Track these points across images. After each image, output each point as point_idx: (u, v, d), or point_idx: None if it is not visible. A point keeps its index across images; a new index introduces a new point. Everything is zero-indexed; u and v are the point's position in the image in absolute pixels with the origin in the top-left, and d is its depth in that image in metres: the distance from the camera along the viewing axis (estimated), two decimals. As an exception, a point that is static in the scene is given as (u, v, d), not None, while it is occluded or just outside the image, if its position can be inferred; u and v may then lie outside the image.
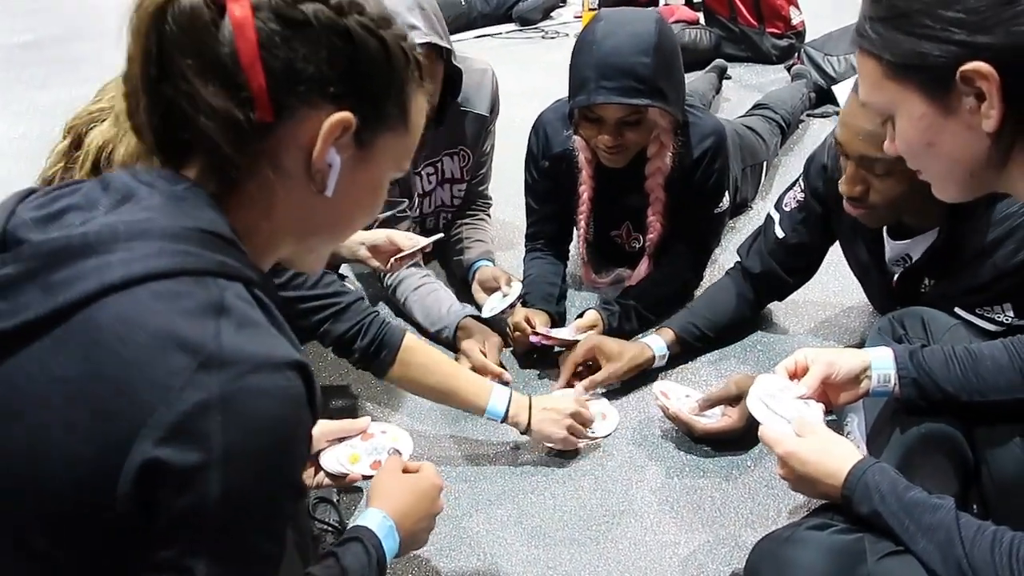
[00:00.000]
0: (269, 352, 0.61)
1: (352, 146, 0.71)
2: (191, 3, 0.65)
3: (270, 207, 0.71)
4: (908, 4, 0.76)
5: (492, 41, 4.08)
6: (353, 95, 0.70)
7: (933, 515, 0.91)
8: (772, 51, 3.39)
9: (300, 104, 0.68)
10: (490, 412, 1.42)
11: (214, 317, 0.60)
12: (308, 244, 0.78)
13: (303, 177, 0.70)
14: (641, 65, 1.52)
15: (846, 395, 1.15)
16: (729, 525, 1.34)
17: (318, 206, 0.72)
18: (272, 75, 0.66)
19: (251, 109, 0.66)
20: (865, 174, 1.26)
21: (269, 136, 0.68)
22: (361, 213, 0.78)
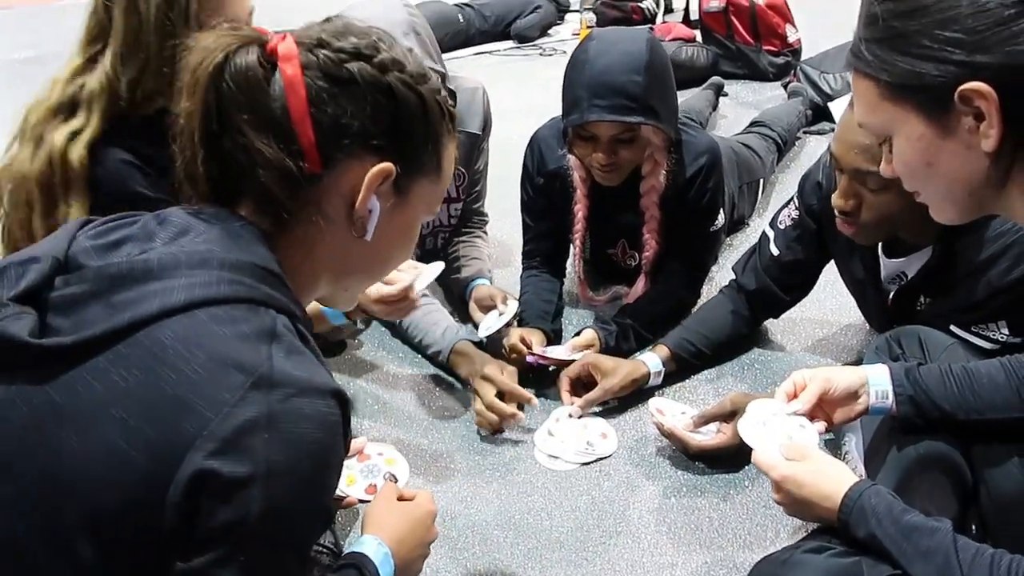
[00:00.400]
0: (312, 378, 0.65)
1: (391, 193, 0.77)
2: (247, 63, 0.71)
3: (313, 248, 0.76)
4: (905, 25, 0.76)
5: (490, 58, 4.10)
6: (394, 147, 0.76)
7: (931, 538, 0.90)
8: (769, 69, 3.41)
9: (345, 156, 0.74)
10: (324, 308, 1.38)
11: (267, 342, 0.65)
12: (345, 283, 0.83)
13: (345, 222, 0.76)
14: (633, 83, 1.53)
15: (843, 412, 1.15)
16: (727, 546, 1.33)
17: (357, 248, 0.78)
18: (320, 130, 0.72)
19: (301, 160, 0.72)
20: (859, 188, 1.26)
21: (316, 185, 0.73)
22: (396, 254, 0.84)
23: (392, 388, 1.75)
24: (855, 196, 1.27)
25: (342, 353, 1.85)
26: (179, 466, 0.60)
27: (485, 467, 1.52)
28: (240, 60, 0.71)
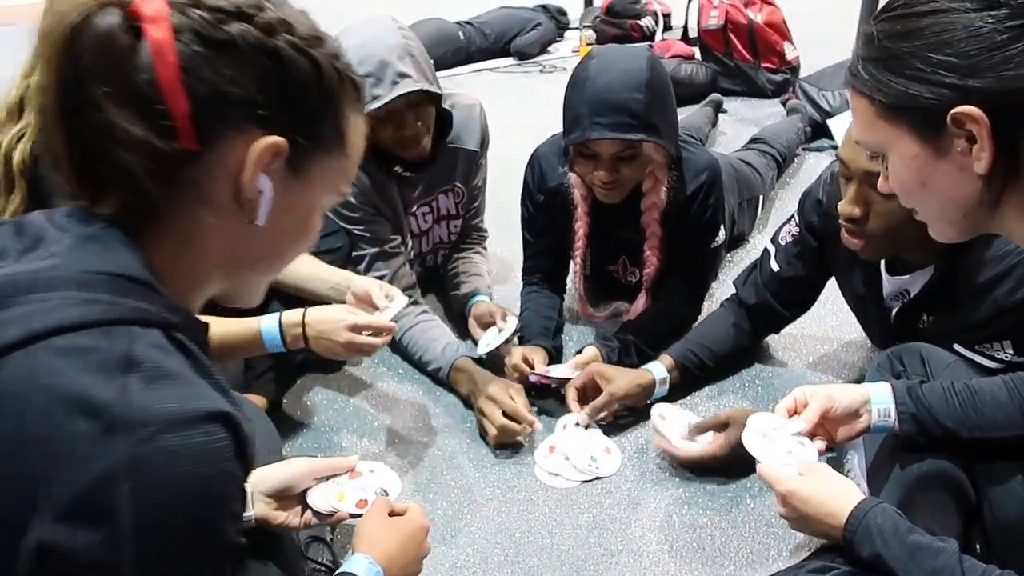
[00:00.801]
0: (183, 407, 0.56)
1: (284, 172, 0.68)
2: (106, 26, 0.60)
3: (197, 241, 0.67)
4: (900, 47, 0.77)
5: (490, 75, 4.12)
6: (284, 118, 0.66)
7: (936, 559, 0.90)
8: (767, 86, 3.43)
9: (227, 130, 0.64)
10: (265, 334, 1.38)
11: (121, 373, 0.55)
12: (241, 278, 0.74)
13: (232, 207, 0.66)
14: (634, 101, 1.53)
15: (845, 430, 1.14)
16: (729, 565, 1.32)
17: (249, 237, 0.68)
18: (196, 100, 0.62)
19: (173, 138, 0.62)
20: (868, 193, 1.25)
21: (194, 165, 0.64)
22: (296, 242, 0.74)
23: (390, 404, 1.74)
24: (864, 203, 1.27)
25: (340, 369, 1.85)
26: (23, 537, 0.51)
27: (485, 484, 1.51)
28: (98, 23, 0.60)
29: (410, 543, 1.03)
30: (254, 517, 1.02)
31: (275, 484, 1.05)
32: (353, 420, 1.70)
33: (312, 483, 1.09)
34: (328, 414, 1.71)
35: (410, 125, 1.67)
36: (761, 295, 1.64)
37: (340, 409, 1.73)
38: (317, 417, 1.71)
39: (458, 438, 1.63)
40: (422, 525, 1.06)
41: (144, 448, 0.53)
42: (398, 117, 1.65)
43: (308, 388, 1.79)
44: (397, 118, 1.65)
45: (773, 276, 1.62)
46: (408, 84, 1.60)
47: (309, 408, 1.73)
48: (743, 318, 1.70)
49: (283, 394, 1.73)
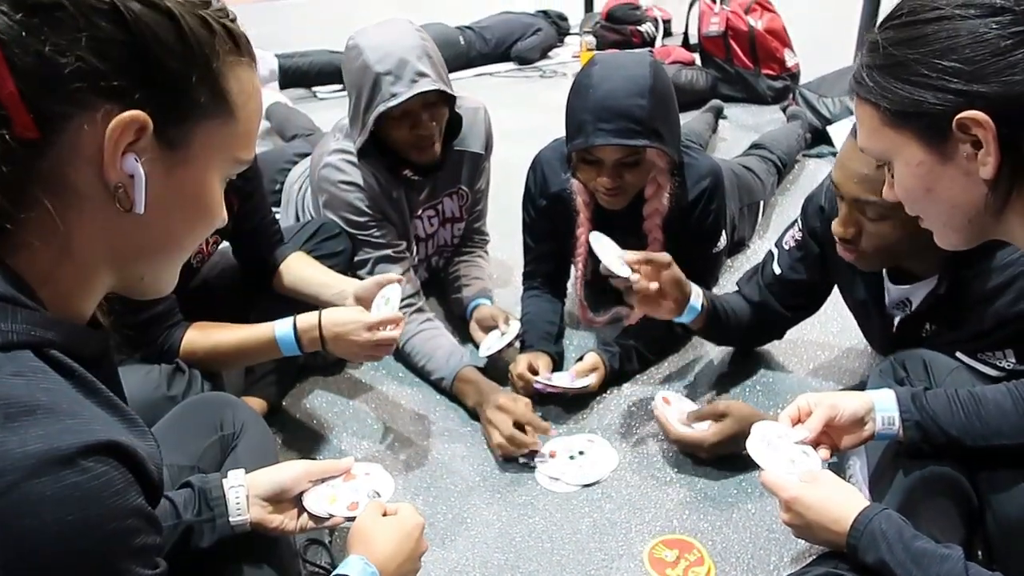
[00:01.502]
0: (51, 445, 0.49)
1: (158, 148, 0.59)
2: None
3: (73, 241, 0.58)
4: (905, 53, 0.77)
5: (490, 80, 4.12)
6: (141, 87, 0.56)
7: (941, 566, 0.89)
8: (767, 92, 3.43)
9: (72, 109, 0.55)
10: (280, 339, 1.39)
11: None
12: (134, 272, 0.64)
13: (103, 197, 0.57)
14: (637, 107, 1.53)
15: (850, 438, 1.14)
16: (731, 571, 1.31)
17: (131, 227, 0.59)
18: (24, 78, 0.53)
19: (8, 127, 0.53)
20: (859, 216, 1.26)
21: (42, 156, 0.55)
22: (194, 224, 0.65)
23: (390, 407, 1.74)
24: (855, 224, 1.27)
25: (341, 372, 1.84)
26: None
27: (485, 488, 1.51)
28: None
29: (406, 541, 1.00)
30: (249, 521, 1.01)
31: (269, 487, 1.04)
32: (353, 423, 1.69)
33: (308, 486, 1.08)
34: (328, 417, 1.71)
35: (425, 125, 1.67)
36: (764, 296, 1.64)
37: (340, 412, 1.72)
38: (317, 420, 1.70)
39: (458, 442, 1.63)
40: (417, 523, 1.03)
41: (5, 500, 0.47)
42: (414, 116, 1.66)
43: (308, 391, 1.78)
44: (413, 117, 1.66)
45: (776, 279, 1.62)
46: (427, 83, 1.61)
47: (309, 411, 1.73)
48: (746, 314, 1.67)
49: (283, 397, 1.72)
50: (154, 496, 0.57)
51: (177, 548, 0.93)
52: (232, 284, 1.68)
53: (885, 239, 1.24)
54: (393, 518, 1.03)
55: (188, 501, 0.99)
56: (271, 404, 1.66)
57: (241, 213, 1.54)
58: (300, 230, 1.75)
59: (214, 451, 1.13)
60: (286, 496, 1.06)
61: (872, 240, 1.27)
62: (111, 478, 0.51)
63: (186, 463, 1.09)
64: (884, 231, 1.24)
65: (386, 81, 1.61)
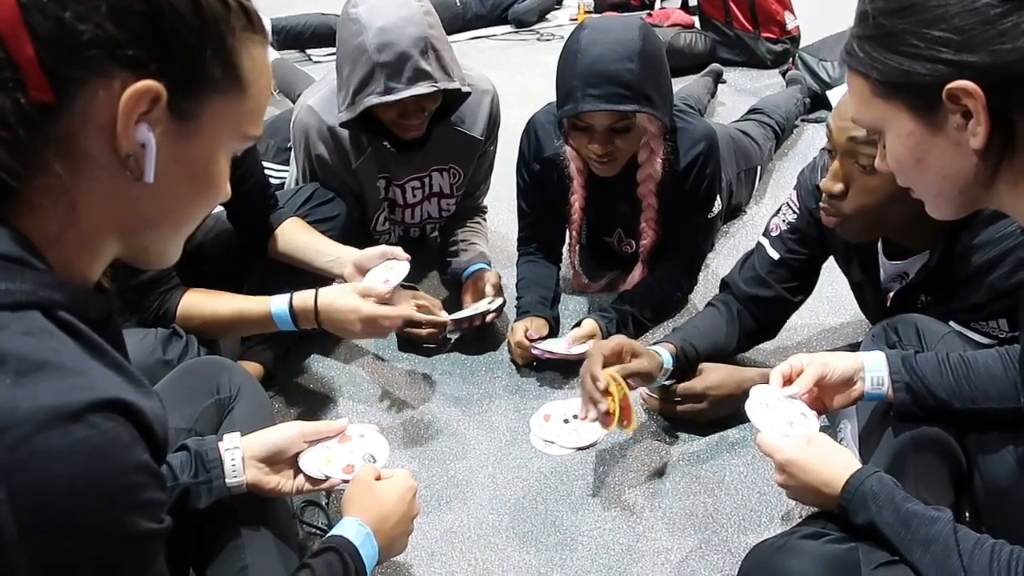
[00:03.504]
0: (61, 400, 0.50)
1: (168, 119, 0.60)
2: None
3: (82, 206, 0.59)
4: (894, 23, 0.77)
5: (487, 43, 4.08)
6: (156, 57, 0.57)
7: (931, 527, 0.90)
8: (767, 56, 3.39)
9: (88, 75, 0.56)
10: (276, 316, 1.40)
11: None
12: (140, 241, 0.65)
13: (114, 165, 0.58)
14: (627, 71, 1.51)
15: (840, 398, 1.15)
16: (721, 531, 1.33)
17: (140, 196, 0.61)
18: (41, 42, 0.54)
19: (23, 91, 0.54)
20: (850, 168, 1.25)
21: (55, 121, 0.56)
22: (200, 197, 0.66)
23: (387, 371, 1.75)
24: (845, 179, 1.26)
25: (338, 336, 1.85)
26: None
27: (480, 451, 1.52)
28: None
29: (400, 503, 1.03)
30: (245, 482, 1.03)
31: (265, 449, 1.05)
32: (349, 387, 1.70)
33: (303, 447, 1.10)
34: (324, 381, 1.72)
35: (415, 115, 1.64)
36: (768, 287, 1.56)
37: (336, 376, 1.74)
38: (313, 384, 1.71)
39: (454, 406, 1.64)
40: (410, 486, 1.06)
41: (16, 453, 0.48)
42: (404, 107, 1.62)
43: (305, 355, 1.79)
44: (403, 107, 1.62)
45: (774, 264, 1.55)
46: (424, 85, 1.56)
47: (306, 375, 1.74)
48: (747, 316, 1.59)
49: (279, 362, 1.73)
50: (159, 454, 0.58)
51: (175, 510, 0.95)
52: (227, 249, 1.67)
53: (873, 195, 1.24)
54: (387, 481, 1.06)
55: (184, 463, 1.00)
56: (267, 369, 1.67)
57: (234, 177, 1.52)
58: (294, 195, 1.74)
59: (210, 415, 1.14)
60: (282, 457, 1.08)
61: (860, 197, 1.26)
62: (118, 434, 0.53)
63: (183, 426, 1.10)
64: (873, 185, 1.23)
65: (383, 73, 1.55)
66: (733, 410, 1.51)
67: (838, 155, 1.26)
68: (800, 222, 1.51)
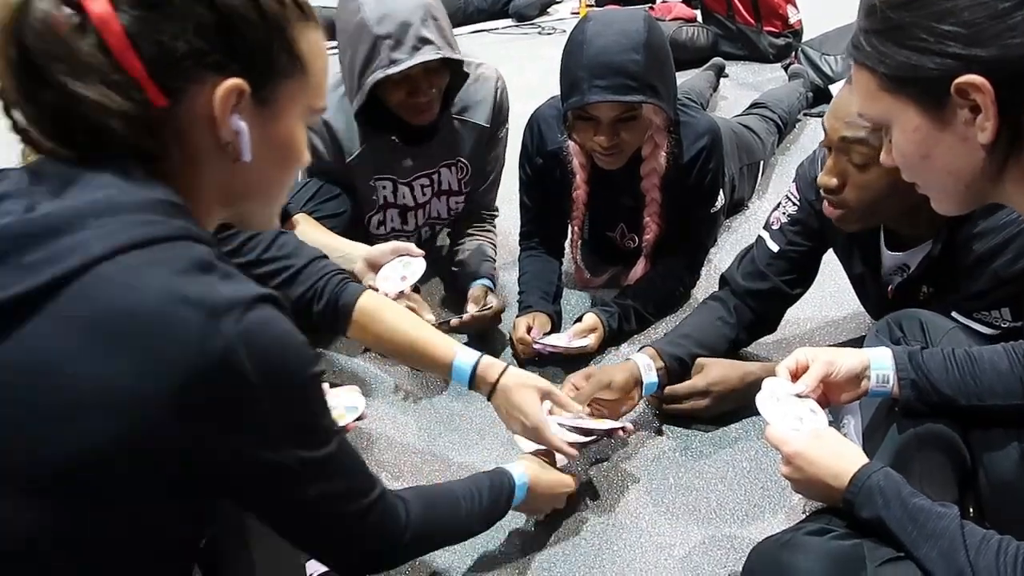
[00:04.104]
0: (252, 291, 0.67)
1: (254, 107, 0.72)
2: (42, 10, 0.65)
3: (193, 184, 0.72)
4: (902, 17, 0.76)
5: (488, 37, 4.07)
6: (236, 59, 0.70)
7: (937, 522, 0.90)
8: (769, 50, 3.38)
9: (186, 83, 0.69)
10: (457, 366, 1.30)
11: (203, 273, 0.65)
12: (242, 209, 0.79)
13: (216, 149, 0.72)
14: (632, 62, 1.51)
15: (846, 395, 1.14)
16: (724, 526, 1.33)
17: (241, 172, 0.74)
18: (148, 61, 0.66)
19: (143, 97, 0.67)
20: (844, 164, 1.25)
21: (173, 119, 0.69)
22: (287, 166, 0.80)
23: (388, 364, 1.74)
24: (840, 174, 1.26)
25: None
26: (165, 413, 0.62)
27: (482, 447, 1.52)
28: (36, 8, 0.65)
29: (558, 487, 1.31)
30: None
31: None
32: (351, 380, 1.70)
33: None
34: (327, 374, 1.72)
35: (424, 92, 1.62)
36: (766, 280, 1.56)
37: (339, 370, 1.73)
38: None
39: (456, 401, 1.64)
40: (570, 484, 1.33)
41: (242, 324, 0.64)
42: (413, 83, 1.60)
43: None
44: (412, 84, 1.60)
45: (774, 257, 1.54)
46: (429, 52, 1.55)
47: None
48: (745, 310, 1.59)
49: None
50: None
51: None
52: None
53: (869, 190, 1.24)
54: (557, 476, 1.32)
55: None
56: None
57: None
58: (299, 191, 1.73)
59: None
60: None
61: (856, 192, 1.26)
62: (285, 314, 0.70)
63: None
64: (868, 180, 1.23)
65: (385, 45, 1.53)
66: (736, 405, 1.52)
67: (832, 151, 1.27)
68: (800, 213, 1.51)
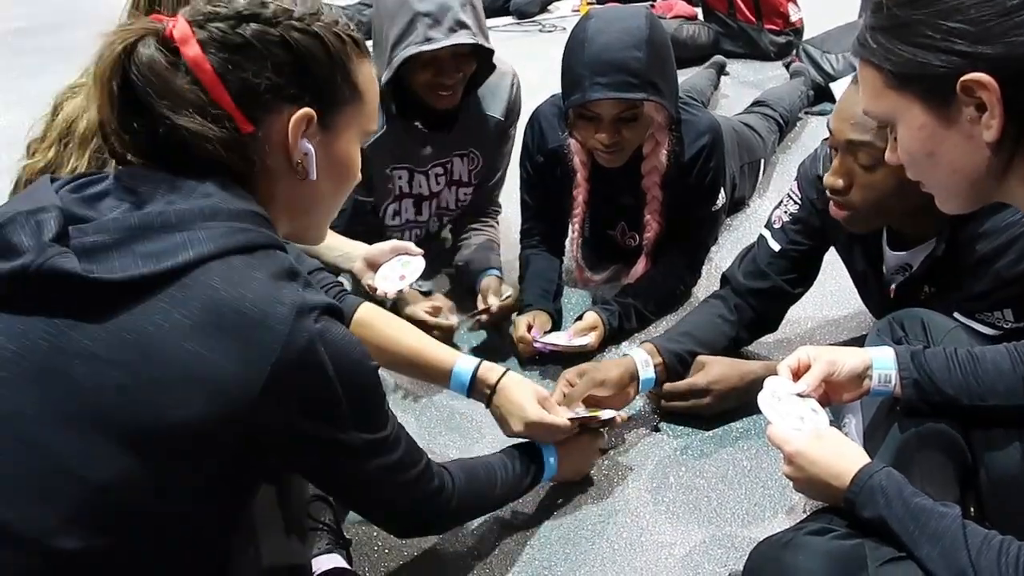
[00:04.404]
0: (324, 300, 0.78)
1: (320, 132, 0.84)
2: (149, 55, 0.77)
3: (269, 198, 0.84)
4: (909, 14, 0.77)
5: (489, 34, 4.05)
6: (307, 91, 0.82)
7: (939, 522, 0.90)
8: (770, 48, 3.38)
9: (267, 113, 0.80)
10: (456, 372, 1.30)
11: (291, 279, 0.77)
12: (304, 222, 0.90)
13: (287, 170, 0.83)
14: (634, 60, 1.51)
15: (848, 395, 1.14)
16: (725, 526, 1.33)
17: (308, 189, 0.85)
18: (235, 95, 0.78)
19: (233, 125, 0.79)
20: (851, 166, 1.25)
21: (255, 144, 0.80)
22: (344, 183, 0.91)
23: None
24: (847, 175, 1.26)
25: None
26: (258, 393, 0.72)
27: (483, 444, 1.52)
28: (142, 54, 0.77)
29: (584, 456, 1.40)
30: None
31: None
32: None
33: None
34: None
35: (450, 74, 1.63)
36: (767, 279, 1.55)
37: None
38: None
39: (457, 398, 1.63)
40: (596, 449, 1.42)
41: (319, 324, 0.76)
42: (441, 64, 1.61)
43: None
44: (439, 65, 1.61)
45: (775, 256, 1.54)
46: (464, 35, 1.56)
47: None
48: (746, 308, 1.59)
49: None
50: None
51: None
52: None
53: (876, 190, 1.23)
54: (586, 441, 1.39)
55: None
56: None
57: None
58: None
59: None
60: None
61: (863, 192, 1.25)
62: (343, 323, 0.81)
63: None
64: (875, 181, 1.23)
65: (423, 22, 1.54)
66: (737, 404, 1.52)
67: (839, 152, 1.26)
68: (802, 212, 1.51)
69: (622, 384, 1.47)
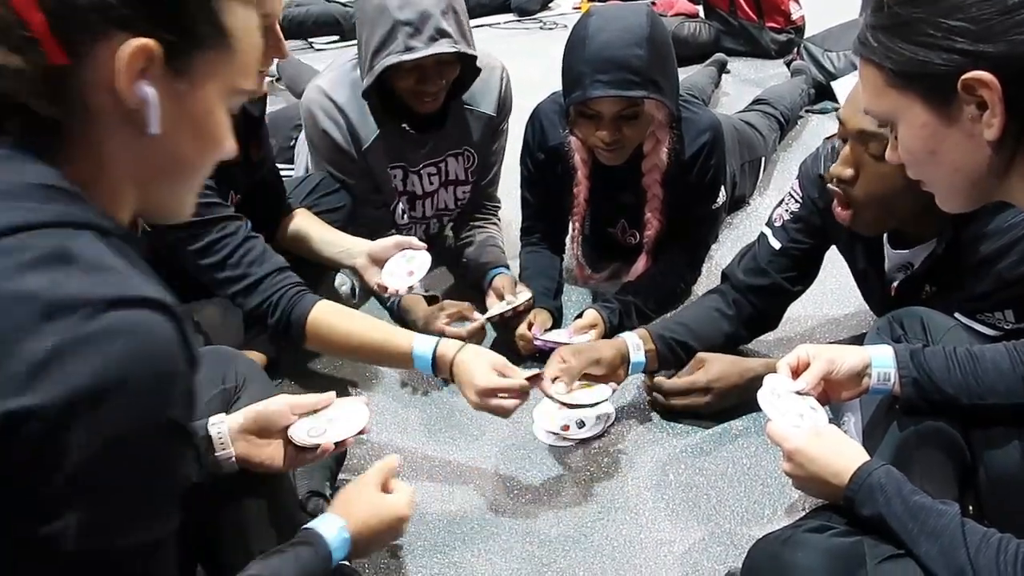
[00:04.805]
0: (124, 291, 0.58)
1: (165, 76, 0.65)
2: None
3: (100, 155, 0.66)
4: (910, 13, 0.76)
5: (489, 32, 4.05)
6: (148, 18, 0.63)
7: (938, 520, 0.90)
8: (771, 46, 3.38)
9: (91, 39, 0.62)
10: (417, 355, 1.31)
11: (56, 266, 0.57)
12: (156, 191, 0.72)
13: (122, 118, 0.65)
14: (635, 57, 1.51)
15: (847, 393, 1.14)
16: (724, 523, 1.34)
17: (151, 148, 0.67)
18: (49, 12, 0.60)
19: (43, 56, 0.61)
20: (860, 155, 1.24)
21: (73, 80, 0.63)
22: (202, 148, 0.72)
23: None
24: (855, 164, 1.26)
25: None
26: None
27: (483, 442, 1.52)
28: None
29: (387, 531, 1.02)
30: (234, 456, 1.02)
31: (251, 419, 1.04)
32: (352, 378, 1.70)
33: (293, 420, 1.08)
34: (326, 373, 1.72)
35: (433, 82, 1.62)
36: (767, 276, 1.56)
37: (338, 368, 1.73)
38: (316, 374, 1.71)
39: (458, 397, 1.63)
40: (404, 516, 1.03)
41: (85, 326, 0.55)
42: (424, 72, 1.61)
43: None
44: (422, 72, 1.61)
45: (775, 254, 1.54)
46: (445, 44, 1.55)
47: (307, 366, 1.74)
48: (745, 304, 1.59)
49: (281, 353, 1.73)
50: (192, 369, 0.62)
51: None
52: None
53: (882, 184, 1.23)
54: (387, 502, 1.03)
55: None
56: (269, 359, 1.67)
57: (254, 162, 1.53)
58: (299, 185, 1.73)
59: (216, 404, 1.14)
60: (272, 430, 1.06)
61: (870, 184, 1.25)
62: (166, 329, 0.59)
63: None
64: (882, 174, 1.22)
65: (404, 31, 1.54)
66: (737, 401, 1.52)
67: (849, 141, 1.26)
68: (803, 211, 1.50)
69: (615, 365, 1.49)
